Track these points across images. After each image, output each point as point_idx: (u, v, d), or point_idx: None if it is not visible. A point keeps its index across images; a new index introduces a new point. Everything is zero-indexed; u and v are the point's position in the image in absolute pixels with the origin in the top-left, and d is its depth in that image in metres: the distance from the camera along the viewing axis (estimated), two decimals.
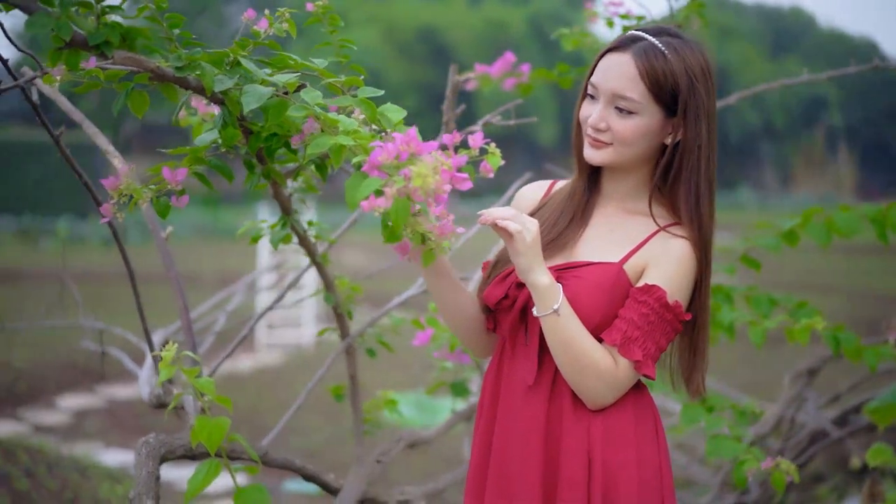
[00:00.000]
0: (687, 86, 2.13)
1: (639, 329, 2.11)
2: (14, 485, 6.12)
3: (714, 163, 2.22)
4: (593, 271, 2.17)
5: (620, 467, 2.15)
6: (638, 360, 2.11)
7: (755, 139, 51.75)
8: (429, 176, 1.72)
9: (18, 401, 8.74)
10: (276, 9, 2.27)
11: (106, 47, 1.84)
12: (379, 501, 2.88)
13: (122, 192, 1.99)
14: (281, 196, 2.52)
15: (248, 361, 10.84)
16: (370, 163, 1.77)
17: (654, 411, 2.27)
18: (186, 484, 2.29)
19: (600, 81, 2.16)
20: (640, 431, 2.20)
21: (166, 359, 2.27)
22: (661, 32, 2.17)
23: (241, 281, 4.23)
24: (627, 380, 2.14)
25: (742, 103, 3.51)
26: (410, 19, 43.35)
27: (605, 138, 2.16)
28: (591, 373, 2.10)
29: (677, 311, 2.13)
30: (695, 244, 2.17)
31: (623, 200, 2.26)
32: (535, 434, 2.19)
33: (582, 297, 2.14)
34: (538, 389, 2.21)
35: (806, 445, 4.71)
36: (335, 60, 2.35)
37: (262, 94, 1.94)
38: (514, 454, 2.21)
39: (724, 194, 47.06)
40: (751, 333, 3.06)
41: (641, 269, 2.17)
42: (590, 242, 2.24)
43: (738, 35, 51.57)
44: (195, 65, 1.94)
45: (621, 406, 2.19)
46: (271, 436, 2.78)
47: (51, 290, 4.00)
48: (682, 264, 2.16)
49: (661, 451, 2.23)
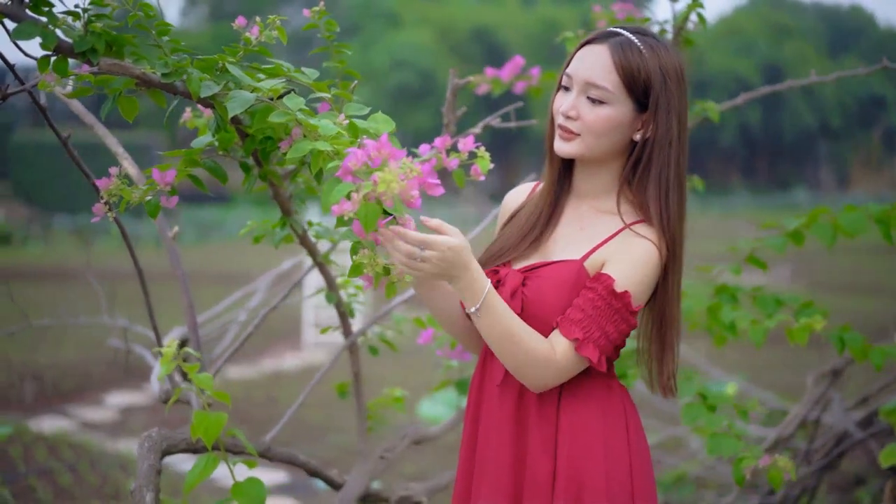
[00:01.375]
0: (660, 83, 2.16)
1: (582, 312, 2.11)
2: (57, 479, 6.27)
3: (684, 162, 2.23)
4: (555, 269, 2.20)
5: (586, 464, 2.17)
6: (577, 339, 2.11)
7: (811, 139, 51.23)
8: (394, 181, 1.77)
9: (66, 397, 8.88)
10: (330, 10, 2.32)
11: (92, 54, 1.91)
12: (381, 497, 2.93)
13: (111, 194, 2.07)
14: (280, 197, 2.57)
15: (295, 360, 10.93)
16: (343, 168, 1.83)
17: (627, 407, 2.28)
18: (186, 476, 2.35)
19: (575, 71, 2.20)
20: (609, 427, 2.21)
21: (167, 355, 2.35)
22: (639, 31, 2.21)
23: (261, 278, 4.29)
24: (568, 362, 2.13)
25: (799, 103, 3.54)
26: (464, 19, 43.47)
27: (574, 127, 2.18)
28: (528, 361, 2.10)
29: (625, 300, 2.12)
30: (661, 242, 2.18)
31: (595, 199, 2.28)
32: (506, 432, 2.23)
33: (544, 294, 2.17)
34: (509, 387, 2.25)
35: (832, 447, 4.70)
36: (331, 65, 2.41)
37: (246, 100, 2.00)
38: (489, 453, 2.25)
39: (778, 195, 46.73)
40: (751, 333, 3.07)
41: (601, 264, 2.19)
42: (560, 241, 2.27)
43: (795, 34, 51.10)
44: (182, 71, 2.00)
45: (587, 401, 2.21)
46: (274, 431, 2.84)
47: (103, 288, 4.07)
48: (641, 264, 2.16)
49: (632, 447, 2.23)
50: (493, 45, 40.33)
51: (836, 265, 20.07)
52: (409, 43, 41.17)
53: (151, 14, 2.00)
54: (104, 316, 3.78)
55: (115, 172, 2.10)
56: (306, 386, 2.80)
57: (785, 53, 47.97)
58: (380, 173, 1.78)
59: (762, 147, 52.07)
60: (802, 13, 56.59)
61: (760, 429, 5.70)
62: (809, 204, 36.35)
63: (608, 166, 2.26)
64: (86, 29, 1.91)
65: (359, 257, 1.92)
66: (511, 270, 2.25)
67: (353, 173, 1.83)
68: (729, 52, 48.06)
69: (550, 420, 2.21)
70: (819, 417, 4.66)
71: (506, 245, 2.30)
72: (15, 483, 6.09)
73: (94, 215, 2.10)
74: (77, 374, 9.61)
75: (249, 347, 11.11)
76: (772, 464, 2.69)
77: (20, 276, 17.04)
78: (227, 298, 3.90)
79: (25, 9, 1.87)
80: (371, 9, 45.11)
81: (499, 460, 2.23)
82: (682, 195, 2.23)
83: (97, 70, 1.92)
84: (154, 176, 2.09)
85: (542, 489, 2.19)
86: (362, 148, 1.83)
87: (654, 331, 2.28)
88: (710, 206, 42.75)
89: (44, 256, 21.48)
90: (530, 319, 2.17)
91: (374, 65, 40.57)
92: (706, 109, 3.40)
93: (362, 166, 1.81)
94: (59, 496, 6.02)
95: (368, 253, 1.92)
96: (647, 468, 2.26)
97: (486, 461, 2.26)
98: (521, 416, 2.24)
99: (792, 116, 48.46)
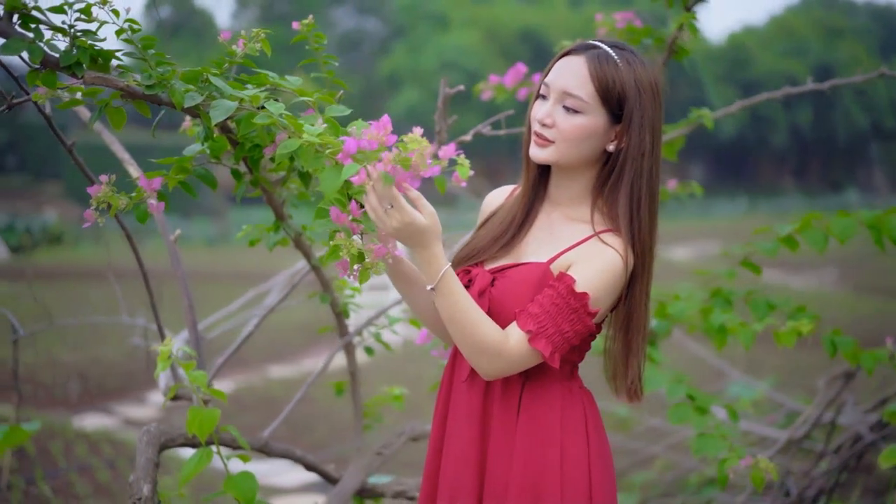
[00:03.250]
0: (634, 96, 2.23)
1: (540, 307, 2.19)
2: (96, 476, 6.41)
3: (658, 174, 2.30)
4: (522, 271, 2.28)
5: (543, 460, 2.25)
6: (530, 331, 2.17)
7: (864, 141, 50.62)
8: (422, 143, 1.95)
9: (109, 395, 9.01)
10: (378, 13, 2.42)
11: (77, 68, 2.03)
12: (376, 492, 3.02)
13: (100, 200, 2.18)
14: (274, 202, 2.67)
15: (336, 360, 10.96)
16: (345, 151, 1.93)
17: (587, 406, 2.34)
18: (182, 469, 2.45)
19: (552, 80, 2.28)
20: (567, 425, 2.28)
21: (163, 353, 2.46)
22: (617, 45, 2.29)
23: (274, 279, 4.38)
24: (520, 353, 2.19)
25: (851, 104, 3.55)
26: (511, 21, 43.43)
27: (550, 135, 2.26)
28: (481, 347, 2.17)
29: (584, 301, 2.18)
30: (627, 252, 2.24)
31: (567, 206, 2.35)
32: (471, 430, 2.31)
33: (511, 294, 2.25)
34: (475, 384, 2.33)
35: (848, 449, 4.72)
36: (319, 76, 2.50)
37: (228, 108, 2.11)
38: (455, 450, 2.34)
39: (829, 197, 46.17)
40: (740, 336, 3.12)
41: (567, 267, 2.25)
42: (530, 244, 2.35)
43: (847, 34, 50.52)
44: (165, 83, 2.11)
45: (547, 398, 2.29)
46: (273, 426, 2.94)
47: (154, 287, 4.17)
48: (604, 270, 2.22)
49: (591, 446, 2.30)
50: (541, 46, 40.17)
51: (885, 268, 19.84)
52: (457, 45, 41.13)
53: (137, 29, 2.11)
54: (123, 315, 3.90)
55: (105, 180, 2.22)
56: (348, 386, 2.85)
57: (837, 54, 47.47)
58: (406, 138, 1.92)
59: (814, 148, 51.57)
60: (855, 13, 55.94)
61: (777, 431, 5.73)
62: (861, 206, 35.87)
63: (582, 175, 2.33)
64: (72, 44, 2.02)
65: (335, 241, 2.02)
66: (482, 270, 2.33)
67: (354, 156, 1.93)
68: (780, 53, 47.65)
69: (511, 421, 2.29)
70: (835, 420, 4.69)
71: (479, 246, 2.39)
72: (55, 478, 6.24)
73: (86, 221, 2.22)
74: (121, 371, 9.74)
75: (291, 347, 11.22)
76: (753, 464, 2.74)
77: (70, 276, 17.31)
78: (241, 297, 4.00)
79: (14, 25, 1.99)
80: (419, 11, 45.11)
81: (464, 457, 2.31)
82: (653, 206, 2.30)
83: (82, 82, 2.03)
84: (141, 183, 2.20)
85: (500, 493, 2.27)
86: (362, 134, 1.95)
87: (620, 336, 2.34)
88: (759, 208, 42.40)
89: (94, 256, 21.75)
90: (497, 318, 2.25)
91: (423, 67, 40.60)
92: (701, 116, 3.44)
93: (361, 149, 1.93)
94: (98, 492, 6.14)
95: (344, 237, 2.01)
96: (607, 474, 2.32)
97: (451, 458, 2.34)
98: (486, 412, 2.31)
99: (844, 117, 47.94)
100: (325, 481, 3.05)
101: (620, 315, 2.33)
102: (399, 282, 2.34)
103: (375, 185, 2.00)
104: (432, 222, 2.10)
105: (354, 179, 1.94)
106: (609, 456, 2.35)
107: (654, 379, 3.07)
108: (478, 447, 2.31)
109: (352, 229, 2.04)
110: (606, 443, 2.36)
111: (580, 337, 2.23)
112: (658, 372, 3.11)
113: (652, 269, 2.32)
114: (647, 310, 2.33)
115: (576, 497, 2.24)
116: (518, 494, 2.24)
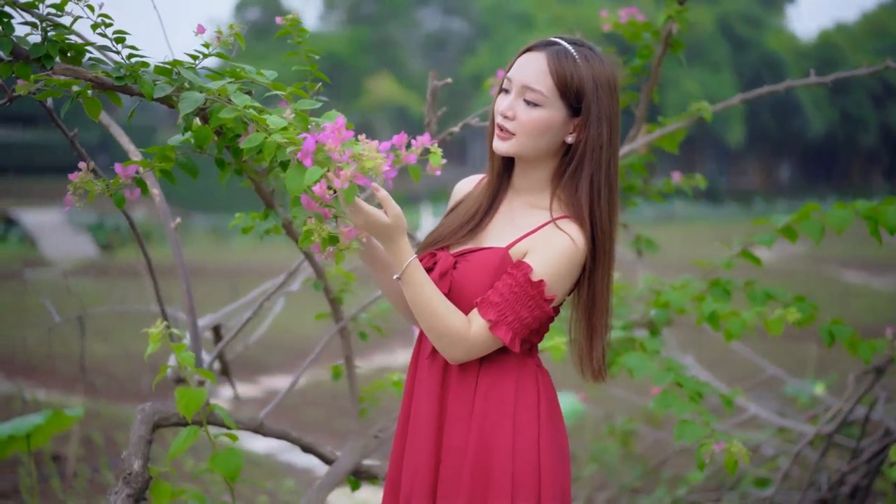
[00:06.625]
0: (592, 90, 2.35)
1: (501, 296, 2.31)
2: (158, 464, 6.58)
3: (616, 164, 2.41)
4: (483, 255, 2.39)
5: (495, 433, 2.36)
6: (490, 320, 2.31)
7: None
8: (378, 156, 2.03)
9: None
10: (463, 14, 2.53)
11: (47, 60, 2.15)
12: (370, 473, 3.11)
13: (77, 186, 2.31)
14: (262, 191, 2.78)
15: (405, 355, 11.02)
16: (303, 150, 2.03)
17: (541, 383, 2.45)
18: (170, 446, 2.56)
19: (514, 75, 2.39)
20: (520, 399, 2.39)
21: (154, 336, 2.59)
22: (577, 42, 2.40)
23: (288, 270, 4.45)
24: (481, 340, 2.33)
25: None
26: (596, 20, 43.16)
27: (511, 127, 2.37)
28: (444, 333, 2.31)
29: (540, 288, 2.31)
30: (581, 237, 2.35)
31: (529, 195, 2.46)
32: (432, 401, 2.43)
33: (471, 277, 2.37)
34: (437, 360, 2.45)
35: (879, 444, 4.69)
36: (301, 68, 2.60)
37: (196, 99, 2.21)
38: (419, 420, 2.46)
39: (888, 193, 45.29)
40: (730, 324, 3.15)
41: (524, 253, 2.37)
42: (493, 230, 2.46)
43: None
44: (135, 74, 2.22)
45: (503, 372, 2.40)
46: (269, 408, 3.04)
47: (232, 282, 4.28)
48: (559, 256, 2.34)
49: (542, 422, 2.40)
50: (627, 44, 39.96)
51: None
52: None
53: (109, 24, 2.22)
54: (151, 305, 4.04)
55: (84, 167, 2.34)
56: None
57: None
58: (357, 148, 2.02)
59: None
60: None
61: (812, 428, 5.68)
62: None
63: (543, 165, 2.44)
64: (43, 38, 2.15)
65: (307, 226, 2.13)
66: (445, 254, 2.44)
67: (313, 154, 2.03)
68: (872, 52, 46.73)
69: (469, 389, 2.40)
70: (868, 415, 4.65)
71: (445, 232, 2.50)
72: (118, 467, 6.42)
73: (66, 205, 2.34)
74: None
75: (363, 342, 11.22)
76: (726, 449, 2.77)
77: (156, 272, 17.63)
78: (260, 286, 4.10)
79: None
80: (504, 11, 45.15)
81: (426, 427, 2.43)
82: (612, 195, 2.41)
83: (52, 74, 2.16)
84: (117, 170, 2.32)
85: (457, 455, 2.38)
86: (320, 132, 2.04)
87: (583, 318, 2.45)
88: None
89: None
90: (457, 299, 2.38)
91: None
92: (700, 109, 3.47)
93: (319, 147, 2.02)
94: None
95: (315, 222, 2.13)
96: (557, 442, 2.41)
97: (415, 429, 2.46)
98: (445, 385, 2.44)
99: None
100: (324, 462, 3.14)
101: (584, 298, 2.43)
102: (371, 266, 2.46)
103: (339, 197, 2.10)
104: (396, 221, 2.24)
105: (315, 189, 2.03)
106: (561, 428, 2.46)
107: (643, 366, 3.11)
108: (437, 417, 2.42)
109: (323, 214, 2.14)
110: (560, 416, 2.46)
111: (539, 321, 2.37)
112: (650, 361, 3.14)
113: (613, 254, 2.42)
114: (609, 292, 2.44)
115: (523, 463, 2.35)
116: (475, 458, 2.36)
